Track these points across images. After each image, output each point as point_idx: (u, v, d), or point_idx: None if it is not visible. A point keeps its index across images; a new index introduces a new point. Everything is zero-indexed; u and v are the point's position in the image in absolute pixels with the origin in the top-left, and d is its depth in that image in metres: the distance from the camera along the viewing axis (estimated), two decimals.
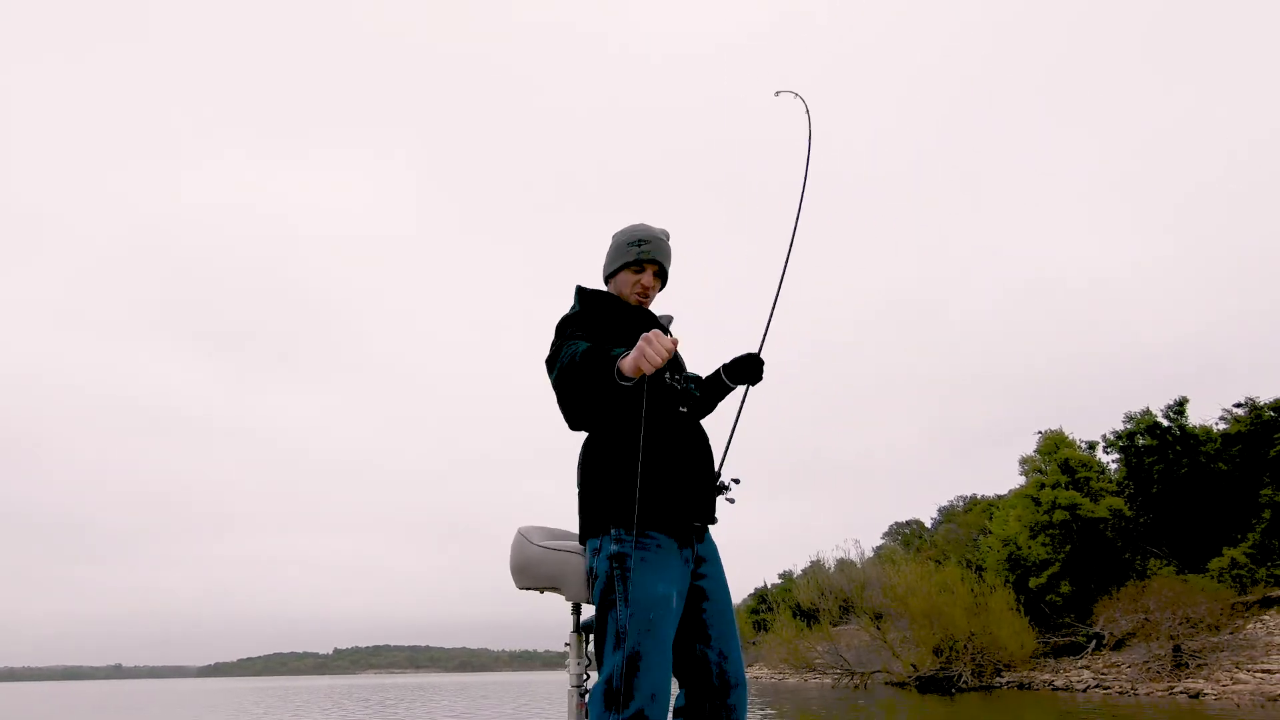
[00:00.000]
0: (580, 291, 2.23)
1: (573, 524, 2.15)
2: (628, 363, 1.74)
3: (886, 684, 20.40)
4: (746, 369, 2.21)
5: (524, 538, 2.13)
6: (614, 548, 1.90)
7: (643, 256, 2.19)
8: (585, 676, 2.10)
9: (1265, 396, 21.14)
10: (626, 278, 2.21)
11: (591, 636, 2.16)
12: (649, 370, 1.69)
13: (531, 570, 2.10)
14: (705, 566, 2.07)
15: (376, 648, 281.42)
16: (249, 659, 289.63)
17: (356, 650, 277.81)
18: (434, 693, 29.82)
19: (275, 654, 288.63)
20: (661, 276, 2.24)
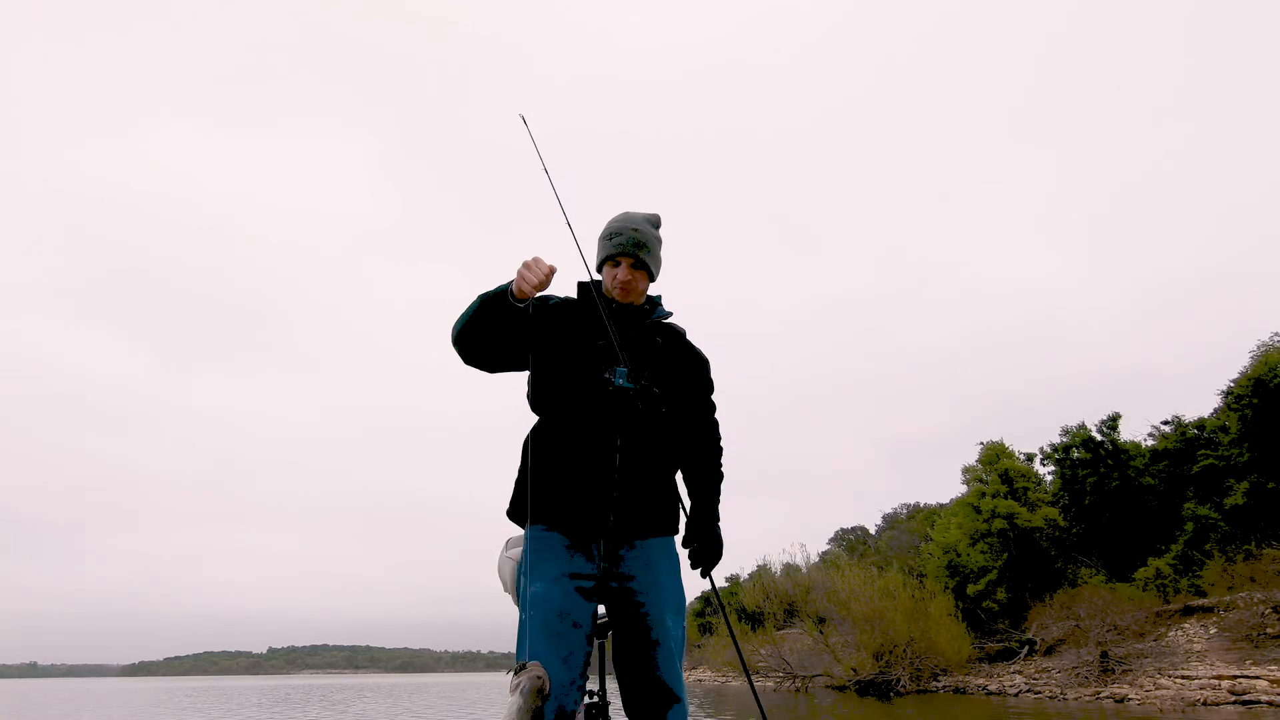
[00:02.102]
0: (579, 286, 2.18)
1: None
2: (515, 285, 1.90)
3: (827, 687, 20.66)
4: (700, 557, 2.02)
5: (503, 546, 2.18)
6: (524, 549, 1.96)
7: (615, 250, 2.10)
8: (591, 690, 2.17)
9: (1190, 415, 22.18)
10: (606, 273, 2.15)
11: (599, 646, 2.28)
12: (526, 291, 1.87)
13: (500, 577, 2.16)
14: (639, 576, 1.94)
15: (314, 647, 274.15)
16: (176, 658, 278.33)
17: (292, 650, 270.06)
18: (370, 693, 29.04)
19: (205, 653, 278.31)
20: (643, 268, 2.12)
